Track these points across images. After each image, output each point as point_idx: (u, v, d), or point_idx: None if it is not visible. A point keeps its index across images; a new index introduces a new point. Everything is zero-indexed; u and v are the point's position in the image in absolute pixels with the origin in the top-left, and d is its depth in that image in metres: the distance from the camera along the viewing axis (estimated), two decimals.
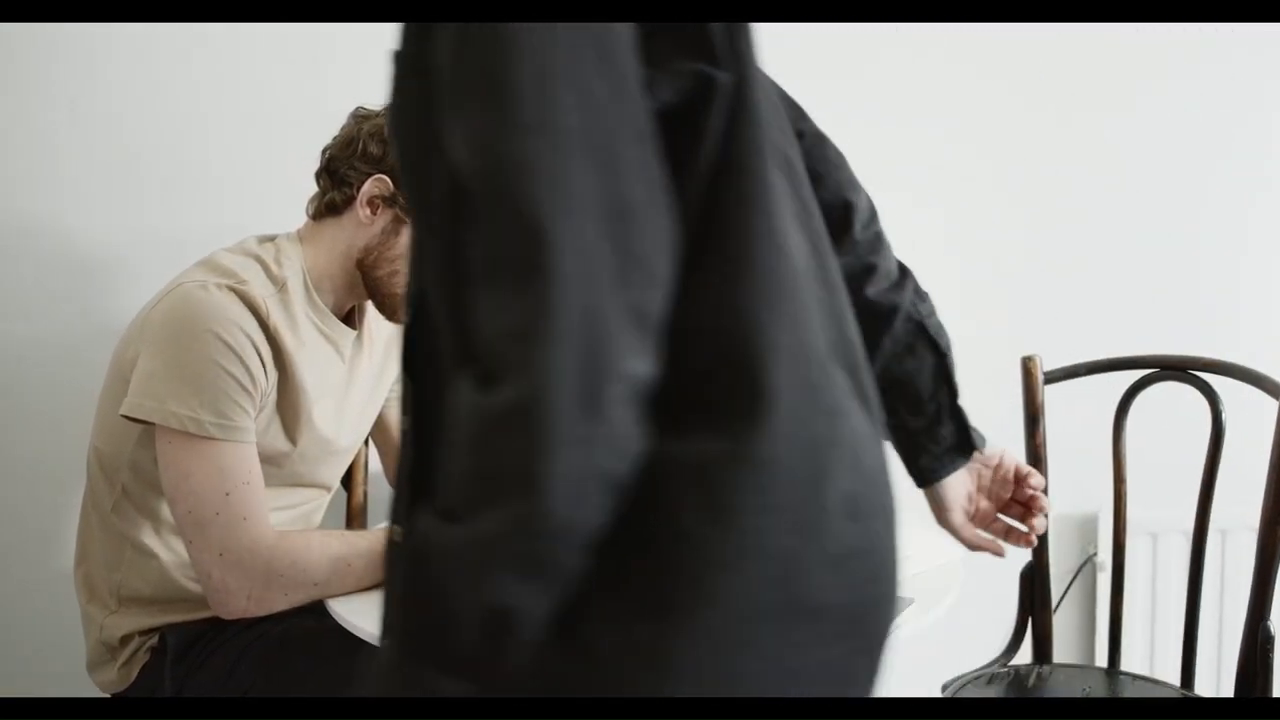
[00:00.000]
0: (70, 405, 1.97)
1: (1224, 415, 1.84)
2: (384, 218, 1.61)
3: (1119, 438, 1.92)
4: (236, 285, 1.52)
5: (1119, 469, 1.93)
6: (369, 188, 1.60)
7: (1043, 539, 1.95)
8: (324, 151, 1.66)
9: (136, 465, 1.57)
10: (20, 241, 1.99)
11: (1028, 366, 1.95)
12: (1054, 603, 2.02)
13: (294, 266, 1.60)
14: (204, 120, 2.00)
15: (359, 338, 1.71)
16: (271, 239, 1.65)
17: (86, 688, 1.71)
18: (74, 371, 1.99)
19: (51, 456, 2.02)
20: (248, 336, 1.50)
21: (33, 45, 1.95)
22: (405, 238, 1.59)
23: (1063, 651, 2.28)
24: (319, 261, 1.63)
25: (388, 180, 1.59)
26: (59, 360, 2.01)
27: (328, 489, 1.74)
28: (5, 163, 1.97)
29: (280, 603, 1.48)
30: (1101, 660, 2.23)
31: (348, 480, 1.92)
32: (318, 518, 1.74)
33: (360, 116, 1.65)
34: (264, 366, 1.52)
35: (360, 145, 1.61)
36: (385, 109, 1.61)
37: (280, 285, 1.58)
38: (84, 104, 1.97)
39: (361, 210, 1.61)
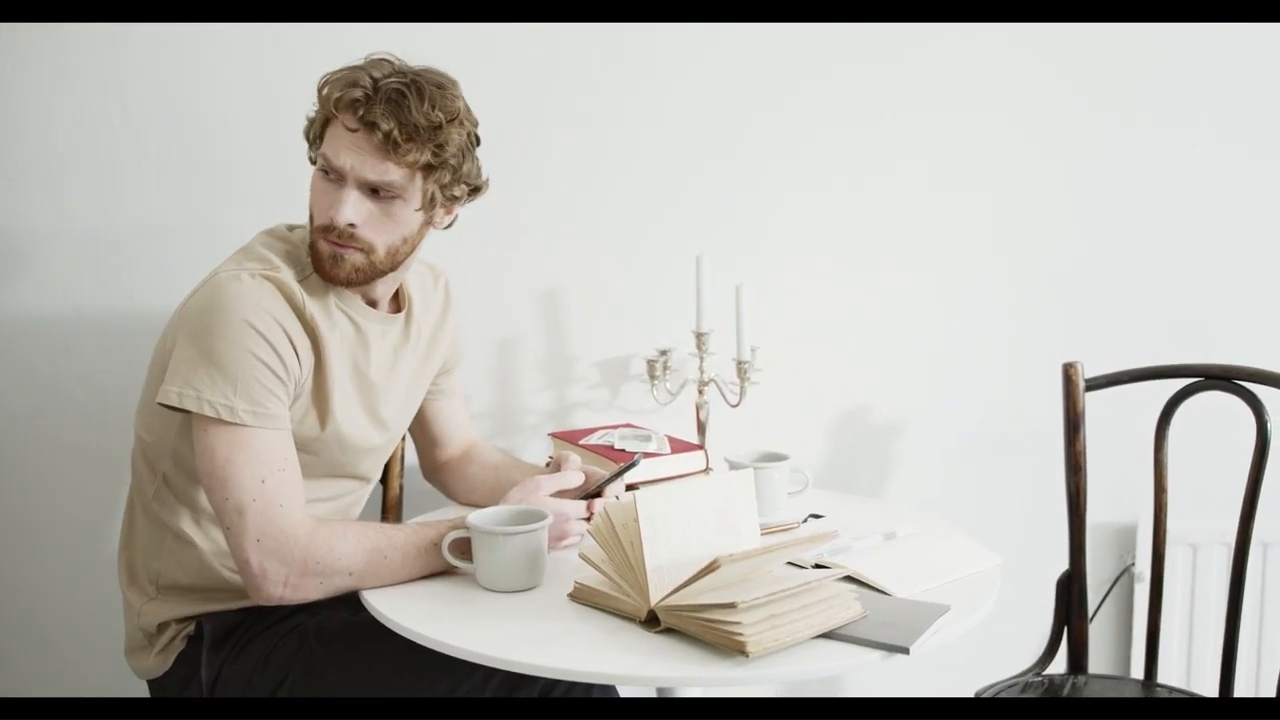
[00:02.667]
0: (116, 393, 2.00)
1: (1270, 426, 1.81)
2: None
3: (1160, 447, 1.90)
4: (269, 273, 1.53)
5: (1160, 479, 1.90)
6: None
7: (1080, 547, 1.94)
8: None
9: (177, 454, 1.59)
10: (70, 231, 2.02)
11: (1069, 373, 1.93)
12: (1091, 612, 2.00)
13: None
14: (252, 113, 2.02)
15: (408, 327, 1.71)
16: (301, 225, 1.66)
17: (125, 672, 1.72)
18: (119, 360, 2.02)
19: (98, 444, 2.05)
20: (280, 324, 1.50)
21: (88, 42, 1.97)
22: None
23: (1098, 662, 2.26)
24: None
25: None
26: (105, 348, 2.04)
27: (367, 481, 1.75)
28: (60, 154, 2.00)
29: (315, 591, 1.48)
30: (1138, 672, 2.21)
31: (384, 473, 1.93)
32: (356, 511, 1.75)
33: None
34: (297, 354, 1.53)
35: None
36: None
37: (307, 271, 1.59)
38: (135, 98, 2.00)
39: None
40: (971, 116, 2.16)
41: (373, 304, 1.66)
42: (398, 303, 1.71)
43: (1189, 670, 2.24)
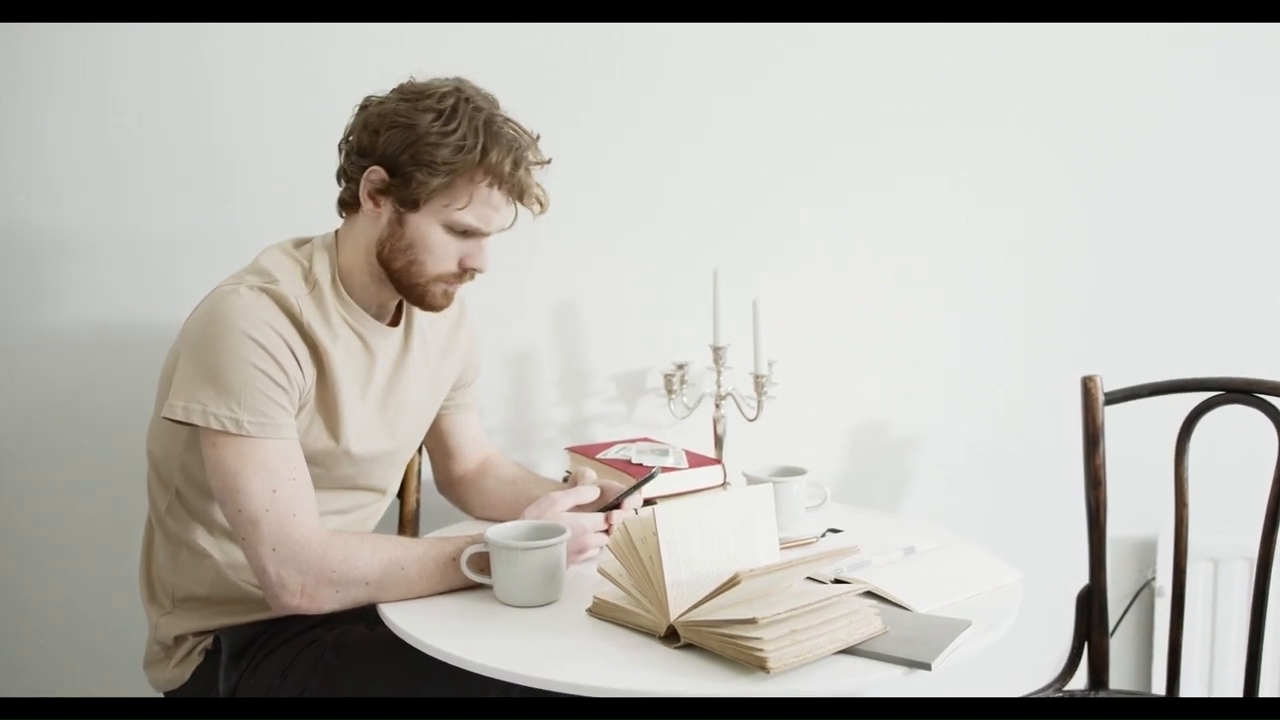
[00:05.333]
0: (134, 406, 2.00)
1: None
2: (387, 209, 1.59)
3: (1181, 460, 1.88)
4: (267, 285, 1.54)
5: (1181, 492, 1.89)
6: (365, 180, 1.59)
7: (1100, 562, 1.92)
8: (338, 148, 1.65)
9: (187, 469, 1.60)
10: (89, 245, 2.03)
11: (1088, 386, 1.92)
12: (1111, 627, 1.99)
13: (324, 265, 1.61)
14: (268, 123, 2.03)
15: (407, 338, 1.71)
16: (308, 240, 1.67)
17: (145, 686, 1.72)
18: (138, 371, 2.02)
19: (117, 457, 2.04)
20: (279, 335, 1.51)
21: (102, 63, 1.98)
22: (412, 228, 1.58)
23: (1119, 678, 2.24)
24: (346, 259, 1.63)
25: (381, 170, 1.57)
26: (124, 360, 2.04)
27: (382, 493, 1.75)
28: (79, 171, 2.01)
29: (332, 600, 1.48)
30: (1159, 688, 2.19)
31: (401, 487, 1.92)
32: (371, 524, 1.75)
33: (360, 107, 1.63)
34: (299, 364, 1.53)
35: (355, 138, 1.60)
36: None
37: (312, 284, 1.59)
38: (149, 110, 2.00)
39: (367, 204, 1.60)
40: (990, 130, 2.16)
41: (382, 315, 1.67)
42: (398, 311, 1.72)
43: (1211, 686, 2.22)
